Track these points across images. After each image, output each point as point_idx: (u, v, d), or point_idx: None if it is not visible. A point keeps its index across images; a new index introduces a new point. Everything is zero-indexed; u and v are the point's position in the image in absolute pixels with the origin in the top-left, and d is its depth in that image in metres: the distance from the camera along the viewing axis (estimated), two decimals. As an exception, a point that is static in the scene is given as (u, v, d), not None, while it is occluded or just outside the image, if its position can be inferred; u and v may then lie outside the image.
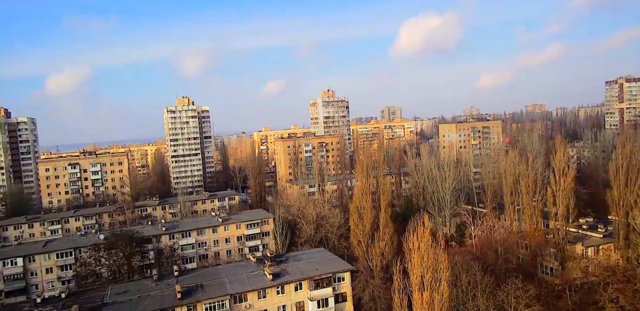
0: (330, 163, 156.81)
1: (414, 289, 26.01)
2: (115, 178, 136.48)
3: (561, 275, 62.93)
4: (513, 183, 77.97)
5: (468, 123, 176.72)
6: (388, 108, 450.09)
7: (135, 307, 46.22)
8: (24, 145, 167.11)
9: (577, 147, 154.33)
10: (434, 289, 25.74)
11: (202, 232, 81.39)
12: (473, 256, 55.74)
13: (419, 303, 25.42)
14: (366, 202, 56.19)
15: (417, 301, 25.57)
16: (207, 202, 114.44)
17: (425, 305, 25.21)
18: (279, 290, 51.19)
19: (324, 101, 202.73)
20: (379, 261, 56.10)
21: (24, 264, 70.35)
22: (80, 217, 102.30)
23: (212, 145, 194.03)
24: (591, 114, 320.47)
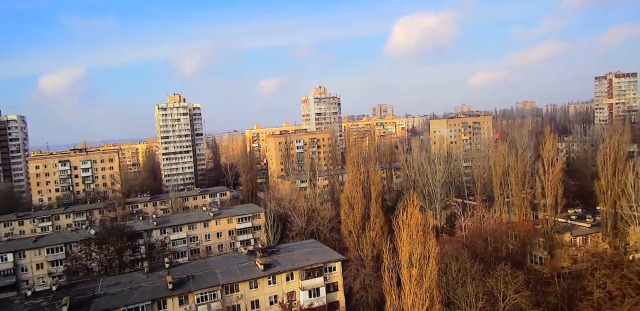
0: (322, 159, 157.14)
1: (403, 266, 26.32)
2: (106, 176, 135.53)
3: (550, 263, 63.80)
4: (502, 174, 78.81)
5: (459, 119, 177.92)
6: (380, 106, 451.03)
7: (127, 298, 46.14)
8: (13, 143, 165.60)
9: (567, 142, 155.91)
10: (423, 266, 26.05)
11: (194, 227, 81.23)
12: (463, 245, 56.20)
13: (408, 280, 25.71)
14: (357, 192, 56.45)
15: (406, 278, 25.87)
16: (199, 197, 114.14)
17: (414, 282, 25.51)
18: (271, 280, 51.34)
19: (316, 98, 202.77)
20: (370, 251, 56.45)
21: (14, 260, 69.78)
22: (71, 214, 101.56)
23: (203, 143, 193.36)
24: (581, 110, 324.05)
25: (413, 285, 25.45)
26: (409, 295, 25.61)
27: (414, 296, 25.47)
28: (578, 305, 48.46)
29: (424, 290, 25.73)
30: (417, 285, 25.50)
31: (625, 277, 49.80)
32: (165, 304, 46.89)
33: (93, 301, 45.92)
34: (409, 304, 25.58)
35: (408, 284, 25.76)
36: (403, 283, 26.22)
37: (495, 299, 47.65)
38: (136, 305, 45.00)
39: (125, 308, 44.60)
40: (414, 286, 25.46)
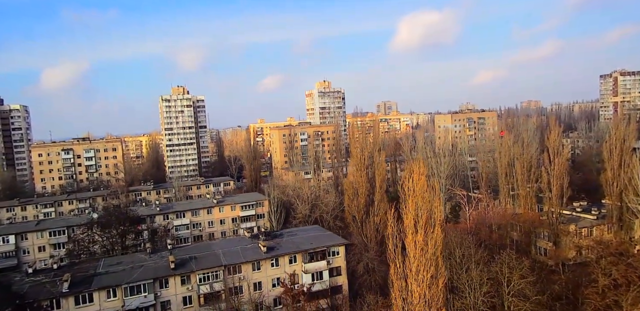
0: (326, 152, 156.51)
1: (408, 232, 25.88)
2: (109, 165, 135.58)
3: (555, 253, 63.29)
4: (508, 165, 78.25)
5: (464, 114, 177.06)
6: (384, 103, 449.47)
7: (128, 276, 45.96)
8: (17, 132, 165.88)
9: (572, 138, 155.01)
10: (428, 232, 25.63)
11: (197, 213, 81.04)
12: (467, 233, 55.71)
13: (413, 246, 25.29)
14: (361, 176, 56.01)
15: (411, 244, 25.44)
16: (202, 187, 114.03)
17: (419, 247, 25.10)
18: (273, 262, 51.02)
19: (320, 92, 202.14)
20: (374, 237, 56.06)
21: (16, 242, 69.84)
22: (73, 201, 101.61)
23: (207, 135, 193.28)
24: (586, 109, 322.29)
25: (418, 251, 25.03)
26: (414, 261, 25.20)
27: (419, 263, 25.05)
28: (583, 292, 47.92)
29: (428, 256, 25.33)
30: (422, 251, 25.09)
31: (631, 265, 49.32)
32: (167, 283, 46.70)
33: (94, 279, 45.78)
34: (413, 270, 25.19)
35: (413, 250, 25.34)
36: (408, 249, 25.80)
37: (499, 284, 47.22)
38: (138, 283, 44.85)
39: (127, 286, 44.44)
40: (419, 253, 25.05)
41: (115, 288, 44.39)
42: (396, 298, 25.83)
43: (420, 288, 25.01)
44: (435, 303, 25.22)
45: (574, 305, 49.04)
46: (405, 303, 25.54)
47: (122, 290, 44.30)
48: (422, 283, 25.04)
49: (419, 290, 25.00)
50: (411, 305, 25.17)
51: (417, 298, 24.95)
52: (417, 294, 25.00)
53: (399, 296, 25.74)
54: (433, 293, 25.24)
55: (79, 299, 43.05)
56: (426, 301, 25.02)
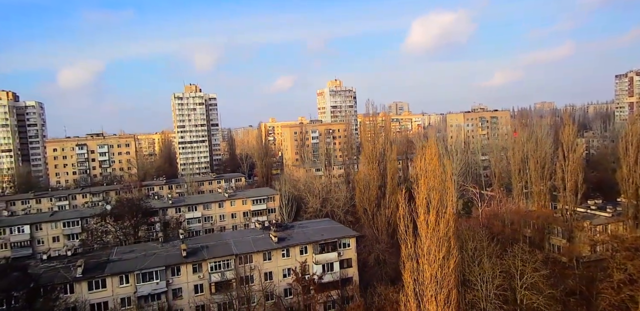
0: (337, 151, 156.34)
1: (420, 213, 25.68)
2: (122, 160, 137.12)
3: (568, 249, 62.32)
4: (521, 161, 77.38)
5: (476, 114, 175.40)
6: (396, 103, 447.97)
7: (140, 264, 46.39)
8: (32, 128, 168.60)
9: (587, 137, 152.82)
10: (440, 212, 25.40)
11: (209, 207, 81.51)
12: (480, 226, 55.16)
13: (425, 226, 25.08)
14: (372, 169, 55.81)
15: (423, 224, 25.22)
16: (214, 182, 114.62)
17: (430, 227, 24.88)
18: (284, 252, 51.08)
19: (332, 90, 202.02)
20: (385, 229, 55.83)
21: (30, 232, 70.92)
22: (87, 194, 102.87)
23: (219, 133, 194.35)
24: (600, 110, 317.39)
25: (429, 230, 24.79)
26: (425, 241, 24.98)
27: (430, 242, 24.83)
28: (597, 287, 47.10)
29: (440, 235, 25.08)
30: (434, 231, 24.86)
31: (647, 260, 48.37)
32: (179, 271, 47.04)
33: (107, 265, 46.31)
34: (424, 250, 24.98)
35: (425, 230, 25.12)
36: (419, 230, 25.59)
37: (512, 277, 46.63)
38: (150, 270, 45.24)
39: (139, 272, 44.86)
40: (430, 232, 24.82)
41: (127, 274, 44.85)
42: (407, 279, 25.65)
43: (432, 268, 24.82)
44: (447, 283, 25.01)
45: (588, 301, 48.23)
46: (417, 284, 25.36)
47: (135, 276, 44.74)
48: (434, 263, 24.86)
49: (430, 270, 24.81)
50: (422, 285, 24.99)
51: (428, 278, 24.76)
52: (428, 274, 24.80)
53: (410, 277, 25.57)
54: (444, 273, 25.04)
55: (92, 284, 43.60)
56: (437, 281, 24.83)
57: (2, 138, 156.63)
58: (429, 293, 24.65)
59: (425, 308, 24.66)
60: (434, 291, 24.65)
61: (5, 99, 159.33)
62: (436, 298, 24.52)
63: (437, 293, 24.59)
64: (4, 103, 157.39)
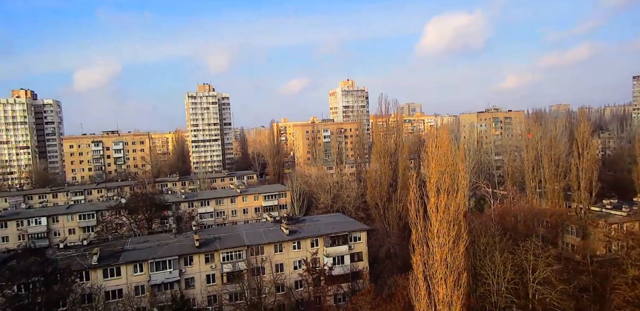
0: (349, 150, 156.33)
1: (430, 195, 25.75)
2: (137, 157, 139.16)
3: (582, 247, 61.44)
4: (535, 159, 76.69)
5: (490, 114, 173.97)
6: (408, 105, 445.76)
7: (154, 253, 47.15)
8: (49, 126, 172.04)
9: (603, 138, 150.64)
10: (451, 195, 25.44)
11: (221, 202, 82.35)
12: (492, 221, 54.74)
13: (434, 208, 25.13)
14: (384, 164, 55.89)
15: (433, 207, 25.28)
16: (226, 179, 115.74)
17: (441, 209, 24.93)
18: (295, 245, 51.44)
19: (344, 90, 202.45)
20: (396, 223, 55.82)
21: (47, 224, 72.48)
22: (102, 189, 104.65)
23: (231, 132, 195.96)
24: (617, 113, 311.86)
25: (440, 213, 24.84)
26: (435, 224, 25.00)
27: (440, 225, 24.85)
28: (611, 283, 46.46)
29: (451, 218, 25.08)
30: (444, 214, 24.88)
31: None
32: (191, 261, 47.70)
33: (122, 254, 47.16)
34: (434, 233, 25.01)
35: (435, 213, 25.16)
36: (429, 213, 25.66)
37: (524, 272, 46.28)
38: (163, 259, 45.97)
39: (153, 261, 45.62)
40: (441, 215, 24.86)
41: (142, 263, 45.64)
42: (417, 262, 25.75)
43: (442, 251, 24.86)
44: (457, 266, 25.03)
45: (602, 297, 47.60)
46: (426, 267, 25.42)
47: (149, 264, 45.51)
48: (444, 246, 24.90)
49: (440, 253, 24.86)
50: (432, 268, 25.05)
51: (438, 260, 24.81)
52: (438, 257, 24.84)
53: (419, 260, 25.66)
54: (454, 256, 25.06)
55: (107, 272, 44.47)
56: (447, 264, 24.88)
57: (21, 135, 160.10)
58: (439, 276, 24.71)
59: (435, 291, 24.76)
60: (443, 274, 24.70)
61: (23, 97, 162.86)
62: (446, 280, 24.58)
63: (447, 275, 24.66)
64: (23, 102, 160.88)
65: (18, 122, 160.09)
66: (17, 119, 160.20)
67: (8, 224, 70.99)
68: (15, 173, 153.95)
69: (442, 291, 24.41)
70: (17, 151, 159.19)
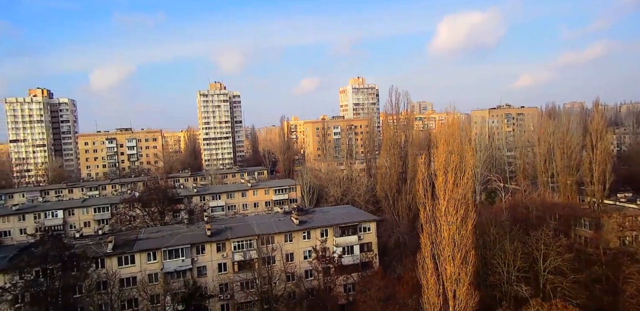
0: (359, 146, 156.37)
1: (439, 174, 25.93)
2: (149, 154, 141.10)
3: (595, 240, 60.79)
4: (547, 151, 76.03)
5: (502, 110, 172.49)
6: (419, 103, 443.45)
7: (167, 242, 48.00)
8: (64, 124, 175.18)
9: (618, 134, 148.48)
10: (459, 175, 25.53)
11: (232, 196, 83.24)
12: (502, 212, 54.58)
13: (443, 187, 25.30)
14: (394, 155, 56.01)
15: (441, 186, 25.45)
16: (237, 175, 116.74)
17: (449, 187, 25.09)
18: (305, 235, 51.88)
19: (354, 88, 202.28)
20: (406, 215, 55.90)
21: (63, 216, 74.02)
22: (116, 185, 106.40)
23: (242, 130, 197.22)
24: (633, 110, 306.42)
25: (448, 192, 25.00)
26: (443, 203, 25.19)
27: (448, 203, 25.02)
28: (624, 272, 45.99)
29: (458, 197, 25.22)
30: (452, 193, 25.03)
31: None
32: (203, 249, 48.43)
33: (136, 243, 48.12)
34: (442, 211, 25.19)
35: (443, 191, 25.32)
36: (437, 191, 25.84)
37: (534, 261, 46.07)
38: (176, 247, 46.75)
39: (166, 249, 46.44)
40: (449, 194, 25.02)
41: (155, 251, 46.50)
42: (425, 241, 25.95)
43: (450, 229, 25.03)
44: (465, 244, 25.19)
45: (614, 286, 47.10)
46: (434, 246, 25.61)
47: (162, 253, 46.33)
48: (452, 224, 25.07)
49: (448, 231, 25.03)
50: (440, 246, 25.25)
51: (446, 238, 24.98)
52: (446, 234, 25.01)
53: (427, 239, 25.86)
54: (462, 235, 25.21)
55: (121, 260, 45.40)
56: (455, 242, 25.03)
57: (37, 133, 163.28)
58: (447, 254, 24.91)
59: (443, 268, 24.96)
60: (451, 251, 24.88)
61: (40, 96, 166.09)
62: (454, 258, 24.77)
63: (455, 253, 24.84)
64: (39, 100, 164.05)
65: (34, 120, 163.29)
66: (34, 118, 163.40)
67: (26, 217, 72.70)
68: (32, 170, 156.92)
69: (450, 269, 24.60)
70: (34, 149, 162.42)
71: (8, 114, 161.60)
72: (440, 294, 24.65)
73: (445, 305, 24.62)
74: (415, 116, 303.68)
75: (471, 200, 26.97)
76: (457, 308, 24.16)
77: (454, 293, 24.54)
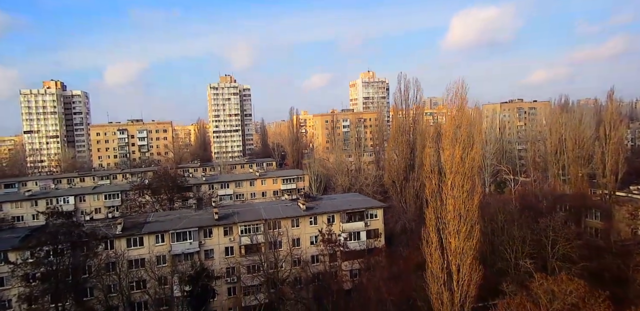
0: (368, 140, 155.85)
1: (445, 147, 25.71)
2: (160, 145, 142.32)
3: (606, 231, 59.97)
4: (558, 142, 75.03)
5: (513, 104, 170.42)
6: (430, 99, 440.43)
7: (175, 225, 48.47)
8: (77, 116, 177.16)
9: (632, 129, 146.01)
10: (466, 149, 25.28)
11: (240, 184, 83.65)
12: (512, 200, 54.10)
13: (449, 160, 25.06)
14: (401, 141, 55.70)
15: (448, 159, 25.22)
16: (246, 166, 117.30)
17: (455, 161, 24.85)
18: (312, 220, 51.96)
19: (364, 82, 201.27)
20: (413, 202, 55.67)
21: (75, 202, 75.09)
22: (127, 174, 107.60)
23: (252, 124, 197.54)
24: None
25: (455, 165, 24.76)
26: (449, 176, 25.00)
27: (454, 177, 24.82)
28: (635, 260, 45.33)
29: (465, 170, 25.00)
30: (459, 166, 24.78)
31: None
32: (210, 233, 48.81)
33: (145, 226, 48.62)
34: (449, 185, 25.01)
35: (449, 164, 25.11)
36: (444, 164, 25.63)
37: (543, 247, 45.59)
38: (184, 230, 47.19)
39: (174, 232, 46.91)
40: (456, 167, 24.78)
41: (163, 233, 46.98)
42: (430, 215, 25.81)
43: (456, 202, 24.85)
44: (470, 218, 24.99)
45: (624, 274, 46.43)
46: (439, 220, 25.44)
47: (170, 235, 46.81)
48: (458, 198, 24.89)
49: (453, 204, 24.85)
50: (445, 220, 25.10)
51: (451, 211, 24.80)
52: (451, 208, 24.85)
53: (432, 213, 25.72)
54: (468, 208, 25.01)
55: (130, 241, 45.96)
56: (461, 216, 24.84)
57: (51, 125, 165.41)
58: (452, 228, 24.75)
59: (448, 242, 24.82)
60: (457, 225, 24.73)
61: (54, 88, 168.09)
62: (459, 232, 24.61)
63: (460, 227, 24.67)
64: (53, 92, 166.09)
65: (48, 112, 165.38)
66: (48, 109, 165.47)
67: (38, 202, 73.88)
68: (45, 161, 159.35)
69: (455, 243, 24.43)
70: (47, 140, 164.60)
71: (22, 105, 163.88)
72: (444, 268, 24.56)
73: (449, 279, 24.55)
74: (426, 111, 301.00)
75: (477, 175, 26.72)
76: (461, 282, 24.11)
77: (458, 267, 24.41)
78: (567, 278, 25.34)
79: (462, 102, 26.43)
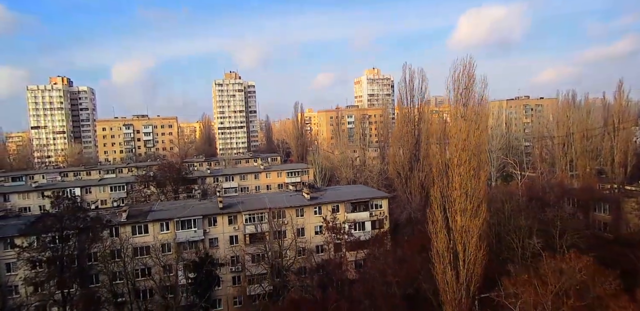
0: (373, 136, 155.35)
1: (452, 124, 25.39)
2: (165, 140, 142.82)
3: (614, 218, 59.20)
4: (566, 135, 74.37)
5: (520, 101, 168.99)
6: (435, 97, 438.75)
7: (180, 213, 48.45)
8: (84, 112, 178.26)
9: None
10: (472, 125, 24.90)
11: (245, 177, 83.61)
12: (518, 191, 53.57)
13: (456, 135, 24.71)
14: (406, 131, 55.33)
15: (454, 136, 24.91)
16: (250, 161, 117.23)
17: (462, 136, 24.48)
18: (316, 210, 51.81)
19: (369, 79, 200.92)
20: (418, 193, 55.29)
21: (81, 194, 75.33)
22: (132, 168, 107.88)
23: (256, 120, 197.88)
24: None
25: (461, 140, 24.39)
26: (456, 153, 24.63)
27: (460, 153, 24.46)
28: (644, 250, 44.67)
29: (472, 147, 24.59)
30: (465, 142, 24.39)
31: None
32: (215, 222, 48.78)
33: (150, 214, 48.66)
34: (454, 162, 24.65)
35: (455, 139, 24.76)
36: (450, 140, 25.30)
37: (550, 237, 45.07)
38: (188, 218, 47.17)
39: (179, 220, 46.92)
40: (462, 143, 24.41)
41: (168, 221, 47.03)
42: (435, 194, 25.50)
43: (462, 180, 24.51)
44: (477, 196, 24.65)
45: (634, 265, 45.81)
46: (445, 199, 25.09)
47: (174, 223, 46.80)
48: (464, 176, 24.54)
49: (459, 181, 24.51)
50: (451, 198, 24.77)
51: (457, 189, 24.47)
52: (457, 186, 24.50)
53: (438, 192, 25.41)
54: (475, 186, 24.67)
55: (135, 229, 46.02)
56: (467, 194, 24.50)
57: (57, 120, 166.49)
58: (457, 206, 24.45)
59: (454, 220, 24.50)
60: (463, 203, 24.42)
61: (60, 84, 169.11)
62: (465, 210, 24.28)
63: (466, 205, 24.36)
64: (59, 88, 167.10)
65: (55, 107, 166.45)
66: (54, 105, 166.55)
67: (45, 194, 74.15)
68: (52, 156, 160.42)
69: (460, 221, 24.12)
70: (54, 135, 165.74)
71: (30, 101, 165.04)
72: (450, 248, 24.25)
73: (454, 259, 24.24)
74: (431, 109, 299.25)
75: (485, 152, 26.35)
76: (467, 260, 23.79)
77: (464, 245, 24.09)
78: (576, 255, 24.94)
79: (469, 80, 26.00)
